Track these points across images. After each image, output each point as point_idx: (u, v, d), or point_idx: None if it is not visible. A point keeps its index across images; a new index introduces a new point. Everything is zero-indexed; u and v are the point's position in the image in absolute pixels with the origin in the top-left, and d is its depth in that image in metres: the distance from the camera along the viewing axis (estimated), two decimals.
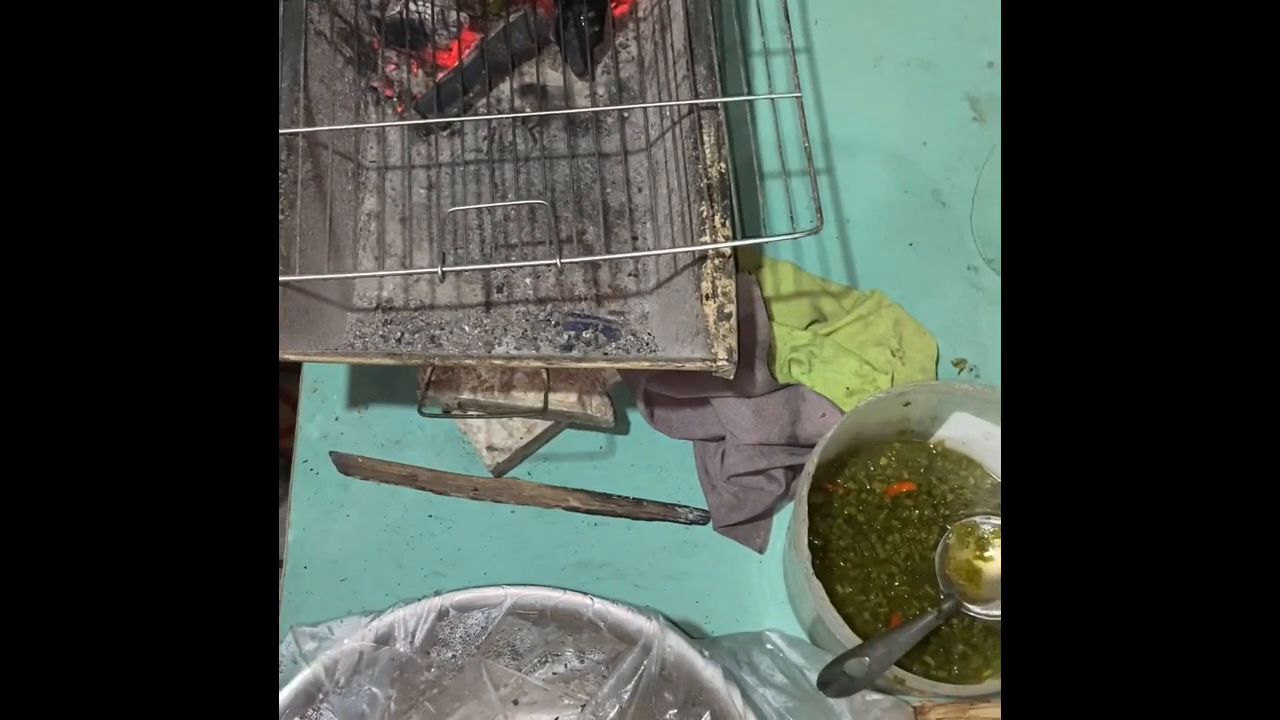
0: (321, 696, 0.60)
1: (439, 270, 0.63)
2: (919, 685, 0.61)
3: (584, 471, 0.78)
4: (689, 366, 0.64)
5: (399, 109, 0.79)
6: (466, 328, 0.73)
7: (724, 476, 0.75)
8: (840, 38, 0.91)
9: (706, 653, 0.61)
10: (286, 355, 0.64)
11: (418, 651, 0.61)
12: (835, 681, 0.59)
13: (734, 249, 0.66)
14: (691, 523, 0.77)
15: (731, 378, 0.65)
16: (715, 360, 0.64)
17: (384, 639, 0.61)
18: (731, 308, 0.65)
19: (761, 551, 0.76)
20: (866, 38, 0.91)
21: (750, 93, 0.79)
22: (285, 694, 0.59)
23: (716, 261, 0.66)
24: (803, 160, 0.78)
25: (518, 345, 0.73)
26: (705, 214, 0.67)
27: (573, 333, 0.73)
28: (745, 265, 0.80)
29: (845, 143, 0.87)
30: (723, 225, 0.67)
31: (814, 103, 0.88)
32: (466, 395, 0.74)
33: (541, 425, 0.76)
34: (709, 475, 0.77)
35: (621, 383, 0.78)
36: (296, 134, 0.67)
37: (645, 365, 0.65)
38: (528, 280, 0.75)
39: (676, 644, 0.61)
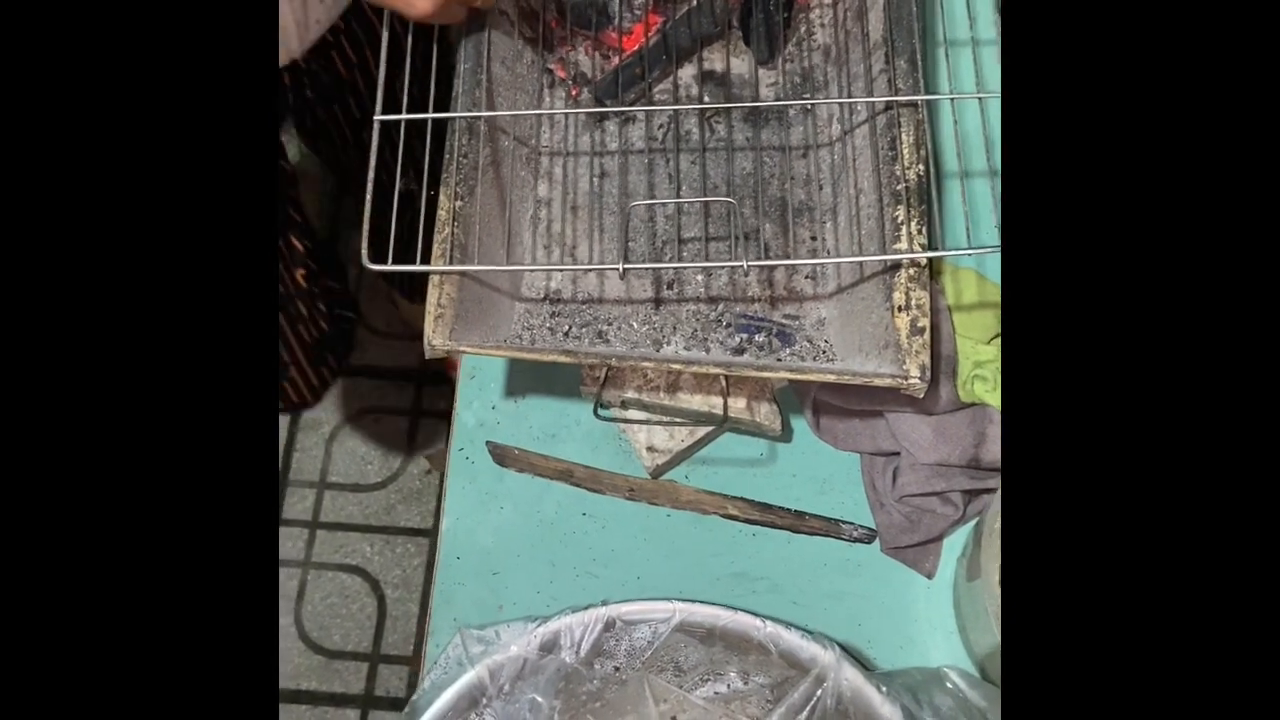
0: (485, 701, 0.59)
1: (620, 267, 0.60)
2: None
3: (743, 478, 0.75)
4: (877, 382, 0.60)
5: (574, 92, 0.77)
6: (634, 324, 0.71)
7: (895, 495, 0.71)
8: None
9: (884, 688, 0.58)
10: (461, 348, 0.62)
11: (583, 662, 0.59)
12: None
13: (930, 259, 0.62)
14: (856, 540, 0.73)
15: (922, 396, 0.60)
16: (907, 377, 0.60)
17: (549, 646, 0.59)
18: (925, 321, 0.61)
19: (930, 576, 0.72)
20: None
21: (950, 89, 0.74)
22: (449, 695, 0.58)
23: (911, 271, 0.61)
24: (996, 161, 0.73)
25: (687, 345, 0.70)
26: (900, 219, 0.63)
27: (745, 335, 0.70)
28: None
29: None
30: (919, 232, 0.62)
31: None
32: (630, 394, 0.71)
33: (704, 428, 0.73)
34: (877, 492, 0.73)
35: (788, 388, 0.74)
36: (478, 118, 0.65)
37: (830, 378, 0.62)
38: (699, 277, 0.72)
39: (853, 677, 0.58)
